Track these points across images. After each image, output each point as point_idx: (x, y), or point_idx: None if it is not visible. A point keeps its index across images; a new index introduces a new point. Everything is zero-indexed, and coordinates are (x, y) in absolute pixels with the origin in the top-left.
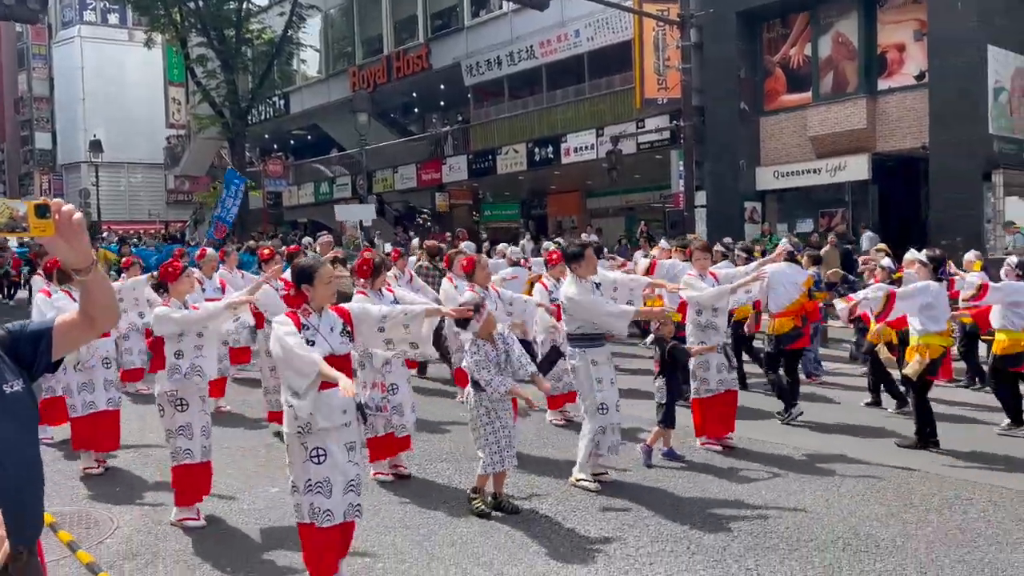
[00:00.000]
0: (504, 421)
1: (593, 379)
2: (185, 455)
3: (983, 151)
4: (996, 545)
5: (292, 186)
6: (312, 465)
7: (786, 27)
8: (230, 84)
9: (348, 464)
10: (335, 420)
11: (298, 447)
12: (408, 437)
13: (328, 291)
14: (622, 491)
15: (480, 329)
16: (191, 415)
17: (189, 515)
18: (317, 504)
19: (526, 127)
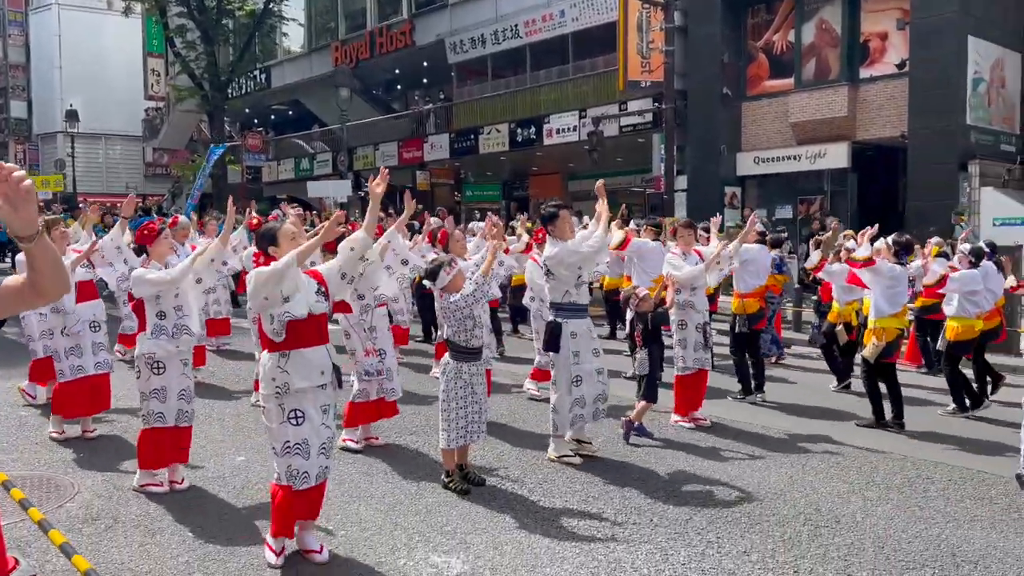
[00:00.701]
0: (477, 396)
1: (570, 351)
2: (156, 419)
3: (961, 141)
4: (953, 522)
5: (272, 161)
6: (290, 427)
7: (770, 13)
8: (210, 56)
9: (322, 427)
10: (313, 380)
11: (276, 409)
12: (395, 402)
13: (292, 248)
14: (589, 466)
15: (448, 284)
16: (167, 379)
17: (151, 481)
18: (296, 466)
19: (509, 107)
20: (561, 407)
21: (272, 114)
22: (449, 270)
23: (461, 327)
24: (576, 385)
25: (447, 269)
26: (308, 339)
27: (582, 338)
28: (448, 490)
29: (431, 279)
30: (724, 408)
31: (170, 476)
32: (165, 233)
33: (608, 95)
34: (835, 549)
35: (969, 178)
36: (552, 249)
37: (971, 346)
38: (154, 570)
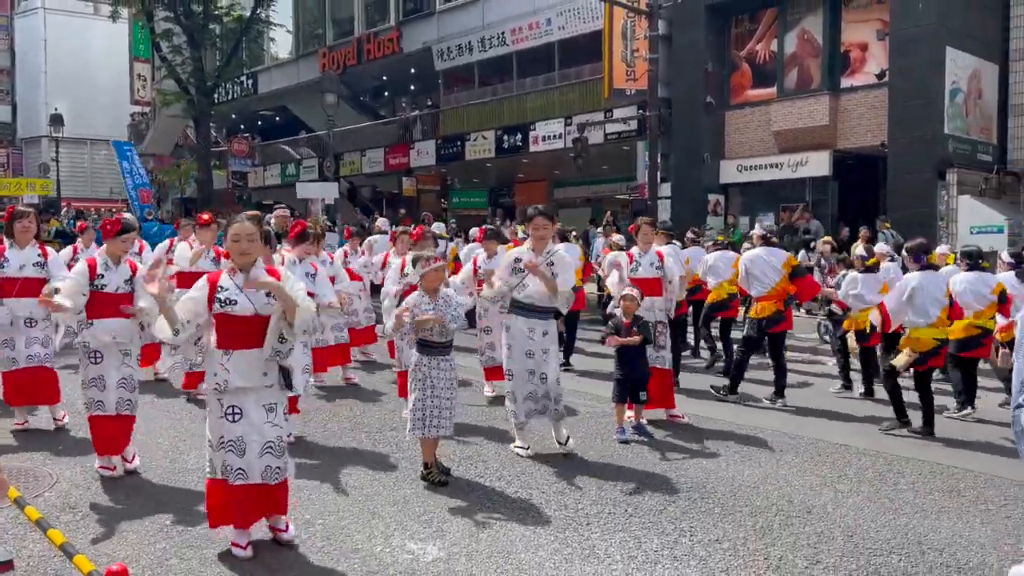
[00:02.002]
0: (437, 391)
1: (505, 343)
2: (96, 406)
3: (939, 150)
4: (921, 513)
5: (258, 167)
6: (227, 423)
7: (754, 22)
8: (196, 61)
9: (266, 425)
10: (253, 381)
11: (215, 403)
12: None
13: (235, 250)
14: (567, 460)
15: (423, 279)
16: (104, 368)
17: (105, 464)
18: (229, 462)
19: (495, 114)
20: (511, 402)
21: (259, 120)
22: (425, 264)
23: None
24: (509, 377)
25: (423, 263)
26: (251, 339)
27: (516, 336)
28: (426, 482)
29: (412, 267)
30: (703, 406)
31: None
32: (125, 236)
33: (593, 103)
34: (805, 538)
35: (947, 186)
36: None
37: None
38: (131, 556)
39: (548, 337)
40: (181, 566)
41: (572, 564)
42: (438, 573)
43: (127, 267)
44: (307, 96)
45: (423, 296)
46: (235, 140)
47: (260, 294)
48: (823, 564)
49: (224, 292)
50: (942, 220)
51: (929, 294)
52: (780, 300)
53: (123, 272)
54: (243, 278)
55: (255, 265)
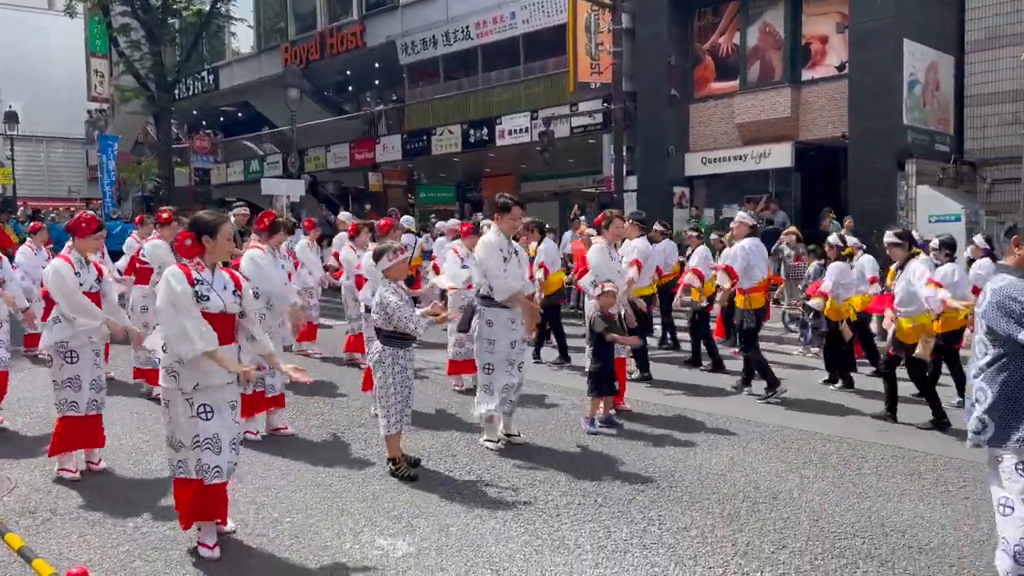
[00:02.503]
0: (409, 383)
1: (485, 338)
2: (70, 407)
3: (898, 141)
4: (884, 496)
5: (221, 163)
6: (200, 421)
7: (716, 16)
8: (155, 56)
9: (233, 422)
10: (223, 377)
11: (182, 403)
12: (282, 396)
13: (226, 249)
14: (535, 451)
15: (390, 269)
16: (80, 367)
17: (64, 467)
18: (206, 461)
19: (461, 108)
20: (477, 394)
21: (221, 116)
22: (392, 257)
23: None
24: (487, 372)
25: (390, 255)
26: (221, 337)
27: (500, 328)
28: (396, 477)
29: (375, 260)
30: (674, 398)
31: (87, 457)
32: (99, 234)
33: (559, 96)
34: (772, 523)
35: (906, 177)
36: (488, 239)
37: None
38: (93, 560)
39: (522, 326)
40: (145, 568)
41: (542, 555)
42: (408, 568)
43: (94, 267)
44: (270, 91)
45: (396, 288)
46: (197, 136)
47: (228, 292)
48: (789, 549)
49: (200, 286)
50: (902, 210)
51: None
52: (766, 291)
53: (93, 271)
54: (210, 275)
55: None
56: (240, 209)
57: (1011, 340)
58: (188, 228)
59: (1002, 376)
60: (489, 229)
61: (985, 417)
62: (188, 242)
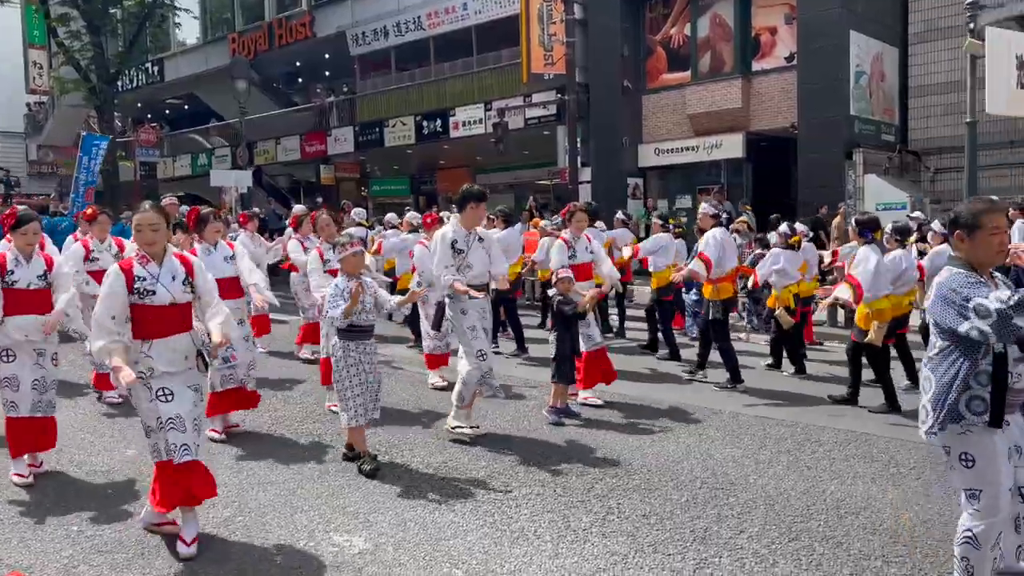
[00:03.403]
0: (369, 374)
1: (465, 328)
2: (10, 408)
3: (845, 131)
4: (838, 479)
5: (167, 157)
6: (160, 404)
7: (667, 7)
8: (96, 47)
9: (192, 404)
10: (177, 366)
11: (141, 389)
12: (255, 395)
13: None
14: (495, 443)
15: (345, 262)
16: (18, 367)
17: (17, 470)
18: (172, 440)
19: (414, 100)
20: (469, 379)
21: (167, 109)
22: (342, 250)
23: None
24: (482, 358)
25: (340, 249)
26: (171, 327)
27: (473, 317)
28: (361, 473)
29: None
30: (630, 387)
31: (29, 460)
32: (24, 228)
33: (513, 88)
34: (729, 508)
35: (854, 166)
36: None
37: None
38: (35, 565)
39: (489, 315)
40: (90, 572)
41: (501, 547)
42: (365, 565)
43: (41, 261)
44: (217, 83)
45: (348, 281)
46: (141, 129)
47: (177, 282)
48: (747, 533)
49: (141, 282)
50: (850, 198)
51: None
52: (734, 281)
53: (36, 267)
54: (156, 267)
55: (166, 253)
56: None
57: (953, 332)
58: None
59: (943, 366)
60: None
61: (928, 406)
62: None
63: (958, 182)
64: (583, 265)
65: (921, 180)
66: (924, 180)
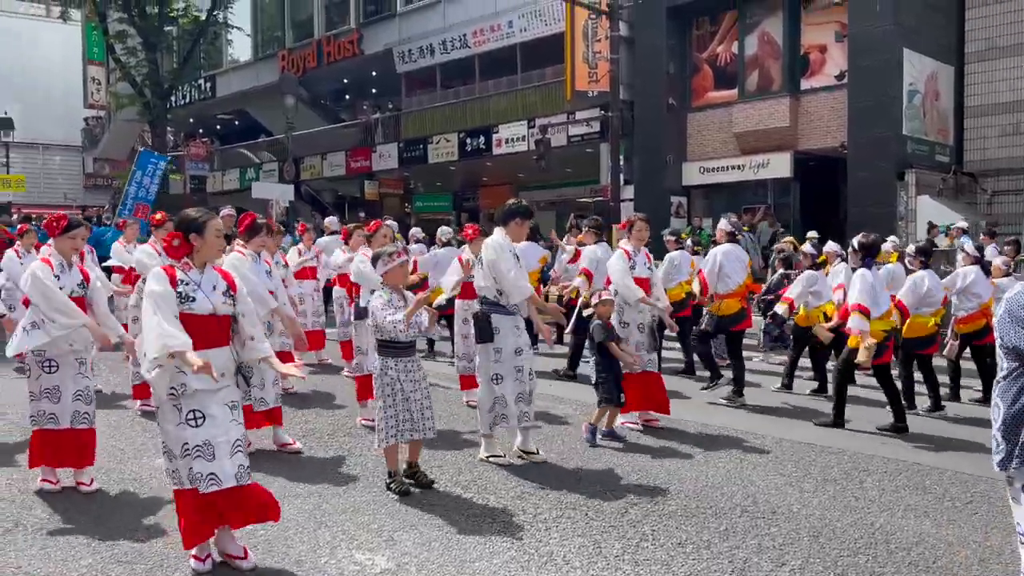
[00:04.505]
0: (409, 392)
1: (490, 348)
2: (48, 420)
3: (897, 151)
4: (888, 511)
5: (216, 171)
6: (189, 428)
7: (714, 24)
8: (152, 63)
9: (232, 424)
10: (212, 383)
11: (170, 410)
12: (277, 410)
13: (217, 246)
14: (524, 465)
15: (387, 275)
16: (60, 377)
17: (46, 477)
18: (198, 469)
19: (458, 117)
20: (483, 404)
21: (217, 124)
22: (388, 260)
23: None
24: (496, 383)
25: (385, 259)
26: (210, 339)
27: (505, 335)
28: (389, 490)
29: (372, 265)
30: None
31: (76, 478)
32: (73, 233)
33: (556, 105)
34: (771, 539)
35: (906, 187)
36: (495, 241)
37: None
38: (53, 573)
39: (527, 333)
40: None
41: (529, 571)
42: None
43: (78, 271)
44: (266, 99)
45: (391, 294)
46: (192, 144)
47: (217, 292)
48: (789, 566)
49: (184, 286)
50: (901, 220)
51: (881, 288)
52: (743, 298)
53: (75, 275)
54: (197, 274)
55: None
56: (226, 210)
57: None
58: (175, 227)
59: (1012, 391)
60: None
61: (998, 435)
62: (176, 242)
63: (1017, 205)
64: (642, 279)
65: (977, 203)
66: (980, 203)
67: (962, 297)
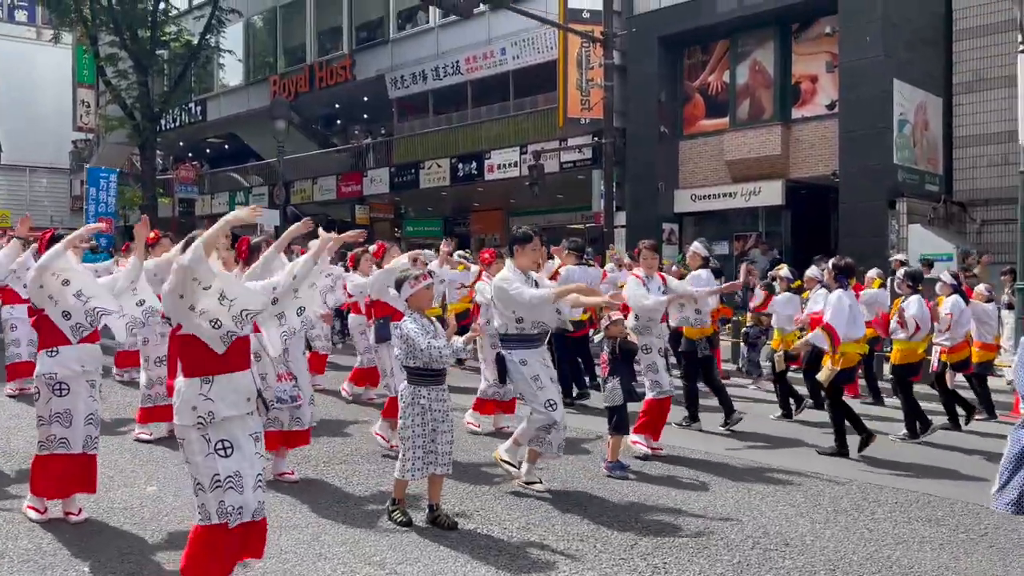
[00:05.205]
0: (437, 424)
1: (528, 378)
2: (59, 444)
3: (888, 180)
4: (903, 544)
5: (205, 195)
6: (219, 459)
7: (706, 54)
8: (142, 86)
9: (256, 456)
10: (240, 408)
11: (198, 440)
12: (308, 431)
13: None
14: (528, 495)
15: (411, 298)
16: (71, 401)
17: (33, 504)
18: (230, 502)
19: (450, 142)
20: (532, 424)
21: (207, 147)
22: (414, 283)
23: (412, 349)
24: (552, 408)
25: (411, 282)
26: (236, 362)
27: (534, 364)
28: (390, 519)
29: (397, 290)
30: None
31: (65, 507)
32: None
33: (548, 132)
34: (785, 572)
35: (897, 215)
36: (504, 276)
37: (917, 369)
38: None
39: (551, 364)
40: None
41: None
42: None
43: None
44: (257, 124)
45: (421, 319)
46: (182, 167)
47: None
48: None
49: None
50: (893, 248)
51: (858, 311)
52: (715, 322)
53: None
54: None
55: None
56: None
57: None
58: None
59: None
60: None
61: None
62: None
63: (1006, 234)
64: None
65: (967, 231)
66: (970, 231)
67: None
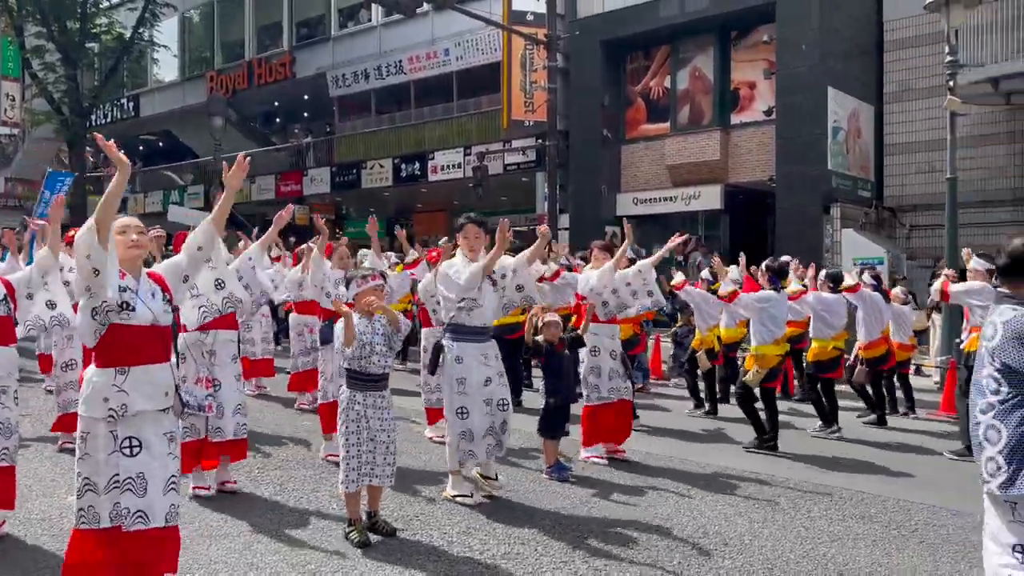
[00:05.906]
0: (376, 432)
1: (454, 378)
2: None
3: (823, 186)
4: (838, 541)
5: (138, 193)
6: (123, 458)
7: (648, 59)
8: (71, 80)
9: (169, 457)
10: (157, 402)
11: (104, 435)
12: (242, 443)
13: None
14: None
15: (358, 298)
16: None
17: None
18: (126, 504)
19: (393, 142)
20: (451, 442)
21: (141, 145)
22: (361, 283)
23: (357, 352)
24: (462, 417)
25: (358, 282)
26: (153, 354)
27: (469, 364)
28: (347, 540)
29: (346, 288)
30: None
31: None
32: None
33: (493, 133)
34: (726, 572)
35: (831, 220)
36: (451, 263)
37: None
38: None
39: (498, 359)
40: None
41: None
42: None
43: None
44: (193, 121)
45: (361, 319)
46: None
47: (157, 300)
48: None
49: (124, 294)
50: (828, 252)
51: (781, 312)
52: (637, 323)
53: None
54: (134, 281)
55: (141, 270)
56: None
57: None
58: None
59: (1017, 414)
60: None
61: (999, 458)
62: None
63: (933, 239)
64: None
65: (897, 236)
66: (900, 236)
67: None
